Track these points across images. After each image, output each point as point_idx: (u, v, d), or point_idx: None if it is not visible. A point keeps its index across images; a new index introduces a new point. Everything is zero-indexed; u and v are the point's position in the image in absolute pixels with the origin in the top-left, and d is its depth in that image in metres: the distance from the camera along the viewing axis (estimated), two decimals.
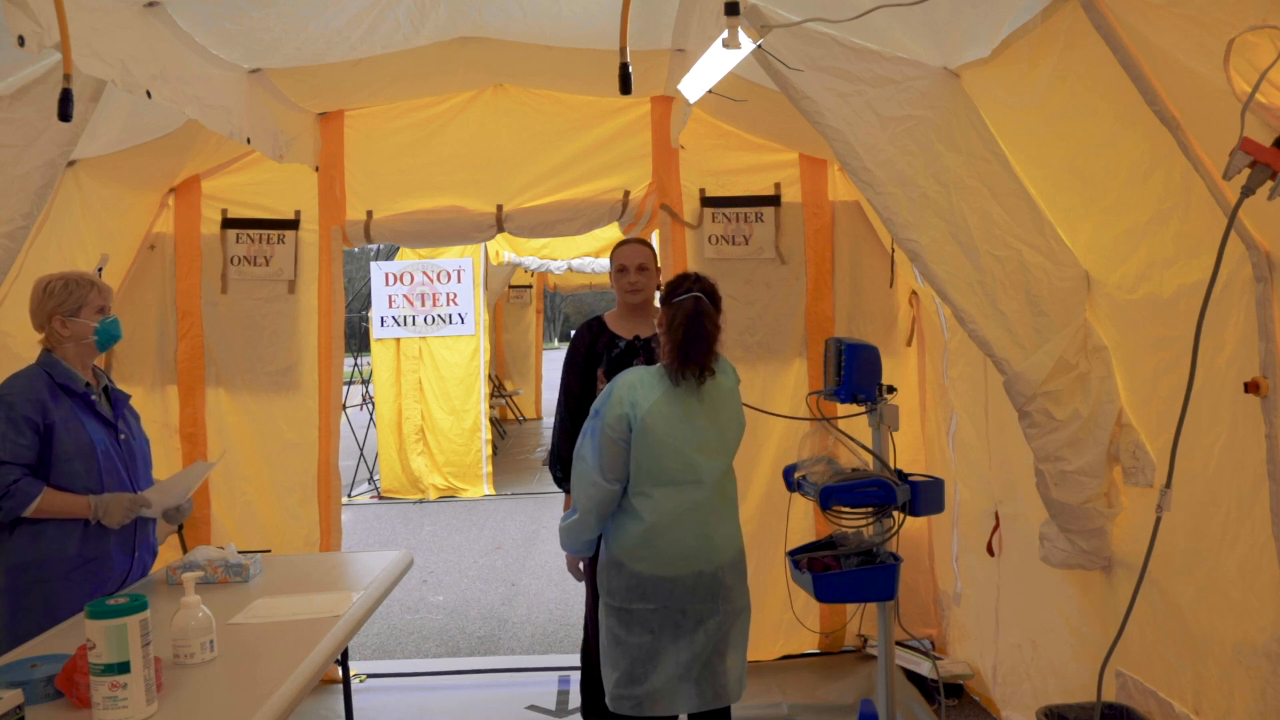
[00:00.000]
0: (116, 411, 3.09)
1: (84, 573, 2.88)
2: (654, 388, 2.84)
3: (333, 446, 4.66)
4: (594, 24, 3.45)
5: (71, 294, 2.95)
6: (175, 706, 2.14)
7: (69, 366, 2.96)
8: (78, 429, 2.89)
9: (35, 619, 2.75)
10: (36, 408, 2.83)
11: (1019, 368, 2.80)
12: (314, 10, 3.22)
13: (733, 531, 2.93)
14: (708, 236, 4.52)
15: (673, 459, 2.81)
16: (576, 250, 10.22)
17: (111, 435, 3.01)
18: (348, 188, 4.60)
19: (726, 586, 2.87)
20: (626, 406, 2.82)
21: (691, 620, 2.84)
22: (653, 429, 2.80)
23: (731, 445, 2.94)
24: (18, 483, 2.76)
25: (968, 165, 2.82)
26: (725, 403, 2.92)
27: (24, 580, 2.81)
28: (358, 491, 9.83)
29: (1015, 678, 3.55)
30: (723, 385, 2.93)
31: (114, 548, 2.96)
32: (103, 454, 2.92)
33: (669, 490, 2.82)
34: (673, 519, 2.82)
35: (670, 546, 2.82)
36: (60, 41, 2.16)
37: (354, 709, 3.71)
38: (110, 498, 2.88)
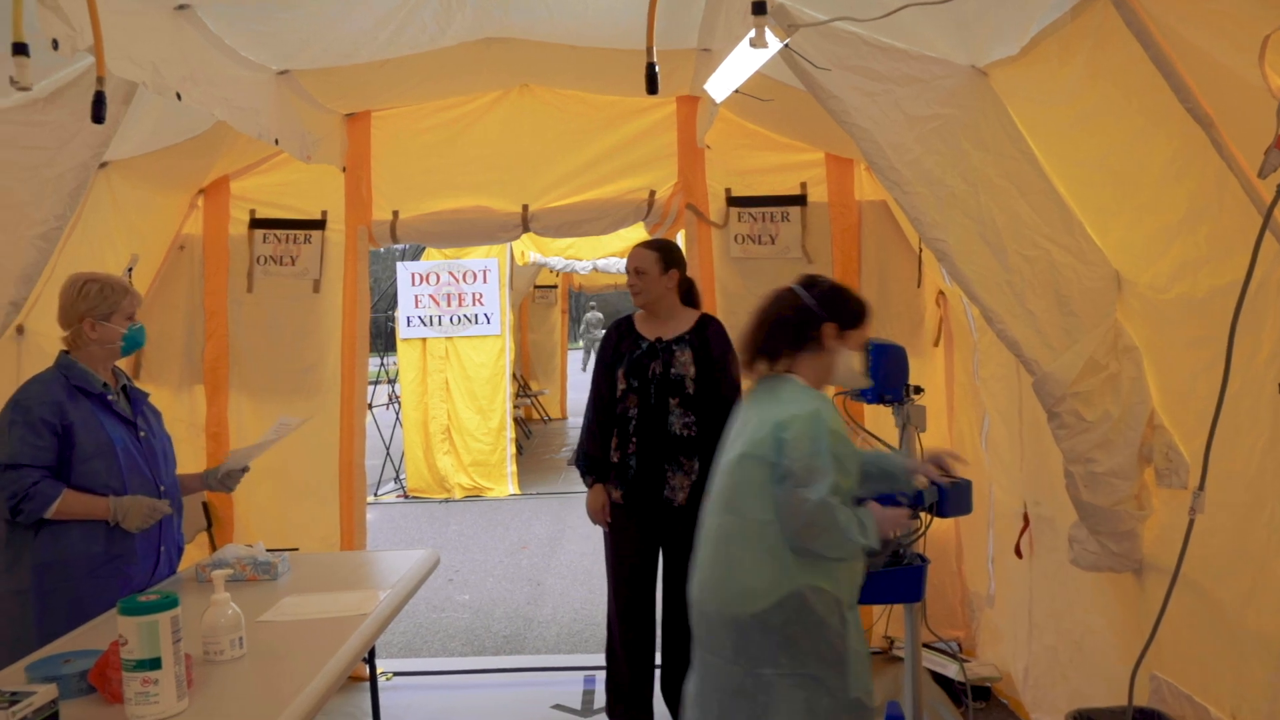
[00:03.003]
0: (136, 409, 3.10)
1: (109, 570, 2.89)
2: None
3: (356, 446, 4.68)
4: (619, 24, 3.45)
5: (106, 299, 2.96)
6: (205, 702, 2.16)
7: (86, 368, 2.97)
8: (96, 429, 2.90)
9: (61, 618, 2.77)
10: (53, 410, 2.84)
11: (1048, 368, 2.78)
12: (341, 12, 3.24)
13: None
14: (734, 236, 4.52)
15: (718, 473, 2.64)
16: (602, 250, 10.23)
17: (131, 433, 3.02)
18: (374, 188, 4.62)
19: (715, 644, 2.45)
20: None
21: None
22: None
23: (730, 467, 2.52)
24: (37, 485, 2.78)
25: (996, 164, 2.80)
26: (758, 417, 2.52)
27: (49, 580, 2.83)
28: (384, 490, 9.88)
29: (1047, 681, 3.52)
30: (776, 396, 2.52)
31: (138, 546, 2.97)
32: (123, 452, 2.93)
33: None
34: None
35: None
36: (93, 44, 2.18)
37: (380, 707, 3.73)
38: (130, 501, 2.88)
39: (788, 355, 2.55)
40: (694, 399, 3.62)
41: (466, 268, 9.54)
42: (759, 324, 2.62)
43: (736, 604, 2.41)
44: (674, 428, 3.62)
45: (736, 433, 2.58)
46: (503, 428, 9.50)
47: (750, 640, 2.39)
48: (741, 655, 2.40)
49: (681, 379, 3.63)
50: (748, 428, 2.52)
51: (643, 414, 3.64)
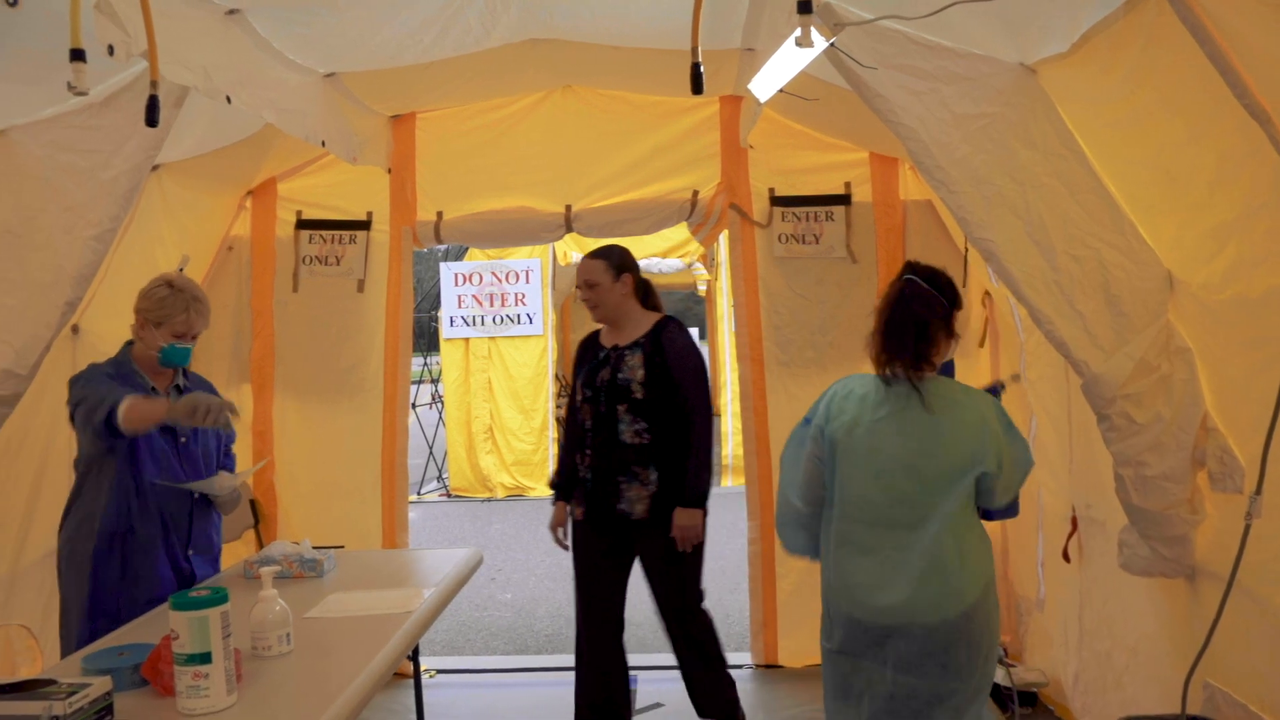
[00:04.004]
0: None
1: (127, 583, 2.92)
2: (858, 395, 2.56)
3: (398, 445, 4.72)
4: (663, 24, 3.45)
5: (161, 308, 2.98)
6: (254, 697, 2.19)
7: (135, 370, 3.01)
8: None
9: (115, 595, 2.86)
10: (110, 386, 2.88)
11: (1098, 370, 2.73)
12: (387, 15, 3.27)
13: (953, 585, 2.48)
14: (777, 236, 4.50)
15: (873, 486, 2.51)
16: (644, 250, 10.20)
17: (170, 440, 3.03)
18: (418, 189, 4.66)
19: (926, 652, 2.46)
20: (822, 419, 2.58)
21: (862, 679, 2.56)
22: (850, 447, 2.53)
23: (952, 477, 2.48)
24: (109, 392, 2.78)
25: (1045, 163, 2.76)
26: (954, 421, 2.50)
27: (114, 551, 2.91)
28: (427, 489, 9.96)
29: (1098, 687, 3.47)
30: (955, 399, 2.52)
31: (160, 565, 2.98)
32: (149, 456, 2.95)
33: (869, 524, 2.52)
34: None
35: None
36: (147, 49, 2.22)
37: (424, 704, 3.75)
38: (191, 397, 2.77)
39: (939, 354, 2.57)
40: (643, 405, 3.48)
41: (509, 268, 9.59)
42: (930, 331, 2.54)
43: (950, 609, 2.45)
44: (624, 436, 3.50)
45: (923, 447, 2.49)
46: (545, 427, 9.54)
47: (959, 642, 2.45)
48: (951, 660, 2.45)
49: (628, 384, 3.49)
50: (940, 437, 2.48)
51: (595, 424, 3.55)
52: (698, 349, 3.60)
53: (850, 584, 2.54)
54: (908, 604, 2.45)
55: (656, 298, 3.70)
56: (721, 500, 9.17)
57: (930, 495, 2.47)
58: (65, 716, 1.92)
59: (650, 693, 4.43)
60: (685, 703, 4.32)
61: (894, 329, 2.54)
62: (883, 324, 2.57)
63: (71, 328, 3.65)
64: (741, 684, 4.49)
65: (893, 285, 2.62)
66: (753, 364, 4.53)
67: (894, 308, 2.56)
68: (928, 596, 2.45)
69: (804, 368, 4.48)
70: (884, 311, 2.59)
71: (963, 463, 2.47)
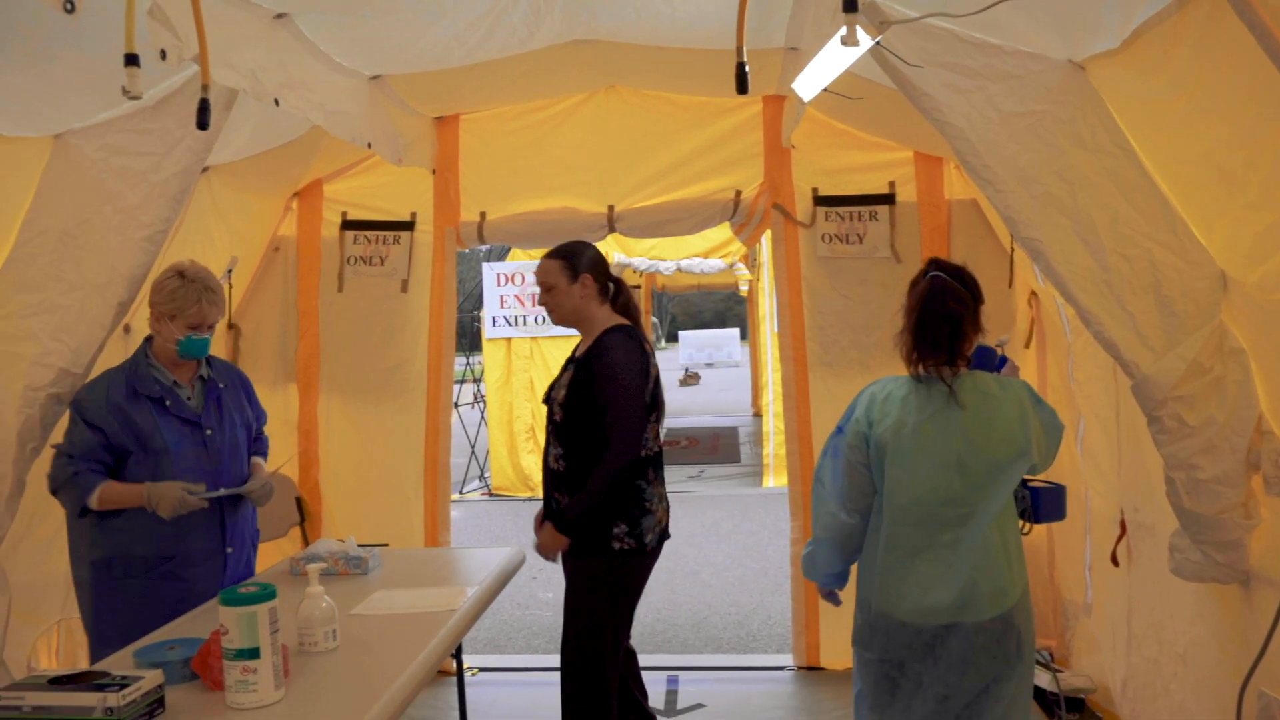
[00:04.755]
0: (211, 402, 3.09)
1: (162, 572, 2.94)
2: (898, 397, 2.53)
3: (441, 444, 4.76)
4: (707, 25, 3.44)
5: (173, 299, 2.96)
6: (301, 692, 2.21)
7: (153, 366, 3.00)
8: (152, 432, 2.94)
9: (116, 614, 2.86)
10: (107, 415, 2.90)
11: (1148, 371, 2.69)
12: (433, 17, 3.30)
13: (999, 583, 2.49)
14: (821, 235, 4.47)
15: (923, 487, 2.49)
16: (685, 251, 10.20)
17: (194, 433, 3.02)
18: (462, 189, 4.69)
19: (979, 646, 2.46)
20: (864, 425, 2.54)
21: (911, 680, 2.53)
22: (899, 449, 2.49)
23: (1001, 471, 2.48)
24: (77, 475, 2.86)
25: (1094, 161, 2.72)
26: (996, 415, 2.49)
27: (104, 575, 2.92)
28: (469, 488, 10.03)
29: (1148, 694, 3.41)
30: (991, 392, 2.51)
31: (194, 550, 2.98)
32: (179, 457, 2.96)
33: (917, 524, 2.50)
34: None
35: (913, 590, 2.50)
36: (198, 54, 2.26)
37: (466, 701, 3.78)
38: (164, 487, 2.85)
39: (970, 349, 2.56)
40: (562, 428, 3.17)
41: None
42: (965, 327, 2.52)
43: (1001, 603, 2.46)
44: (550, 460, 3.24)
45: (970, 443, 2.46)
46: None
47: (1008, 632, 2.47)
48: (1001, 650, 2.47)
49: (552, 404, 3.23)
50: (986, 432, 2.47)
51: (545, 445, 3.33)
52: (633, 365, 3.12)
53: (901, 588, 2.51)
54: (961, 601, 2.45)
55: (628, 299, 3.34)
56: (764, 501, 9.23)
57: (977, 491, 2.46)
58: (119, 708, 1.96)
59: (691, 693, 4.43)
60: (727, 703, 4.33)
61: (927, 327, 2.51)
62: (914, 323, 2.54)
63: (123, 327, 3.71)
64: (783, 686, 4.50)
65: (919, 283, 2.59)
66: (796, 364, 4.51)
67: (925, 305, 2.53)
68: (980, 592, 2.45)
69: (847, 368, 4.46)
70: (915, 310, 2.55)
71: (1009, 454, 2.47)
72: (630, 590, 3.25)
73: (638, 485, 3.16)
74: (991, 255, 4.41)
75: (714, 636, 5.39)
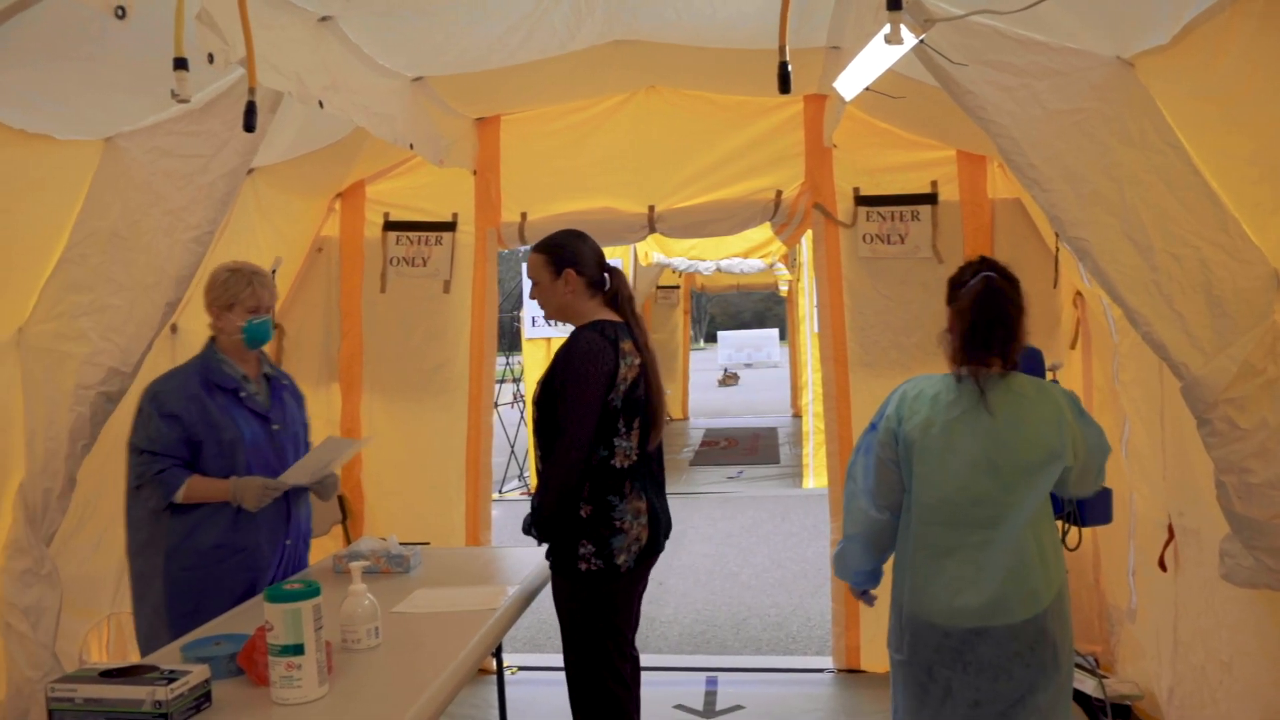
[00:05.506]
0: (276, 397, 3.20)
1: (234, 563, 3.01)
2: (930, 395, 2.50)
3: (483, 443, 4.78)
4: (748, 24, 3.43)
5: (227, 289, 3.07)
6: (344, 689, 2.24)
7: (223, 360, 3.09)
8: (228, 424, 3.02)
9: (188, 603, 2.92)
10: (185, 405, 2.98)
11: (1198, 373, 2.64)
12: (474, 19, 3.32)
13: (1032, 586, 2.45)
14: (862, 235, 4.44)
15: (951, 485, 2.47)
16: (725, 251, 10.19)
17: (264, 427, 3.12)
18: (503, 190, 4.72)
19: (1012, 653, 2.43)
20: (894, 422, 2.54)
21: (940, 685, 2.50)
22: (926, 447, 2.48)
23: (1032, 473, 2.45)
24: (163, 472, 2.92)
25: (1143, 159, 2.67)
26: (1028, 417, 2.47)
27: (177, 565, 2.97)
28: (508, 488, 10.07)
29: (1196, 702, 3.35)
30: (1026, 394, 2.49)
31: (263, 540, 3.07)
32: (251, 449, 3.04)
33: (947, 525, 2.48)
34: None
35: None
36: (245, 57, 2.29)
37: (506, 699, 3.79)
38: (246, 481, 2.97)
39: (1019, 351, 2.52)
40: (536, 428, 3.02)
41: None
42: (1019, 329, 2.50)
43: (1033, 607, 2.42)
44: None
45: (1002, 444, 2.44)
46: None
47: (1042, 640, 2.43)
48: (1036, 658, 2.43)
49: (535, 408, 3.05)
50: (1019, 433, 2.44)
51: None
52: (590, 362, 2.89)
53: (930, 588, 2.49)
54: (991, 604, 2.41)
55: (617, 291, 3.09)
56: (803, 502, 9.18)
57: (1010, 493, 2.43)
58: (167, 702, 2.00)
59: (730, 694, 4.42)
60: (766, 705, 4.31)
61: (980, 328, 2.48)
62: (967, 323, 2.50)
63: (170, 327, 3.78)
64: (822, 688, 4.47)
65: (969, 283, 2.54)
66: (836, 365, 4.48)
67: (980, 306, 2.49)
68: (1012, 595, 2.41)
69: (888, 368, 4.43)
70: (968, 310, 2.51)
71: (1042, 457, 2.44)
72: (606, 614, 2.98)
73: (607, 500, 2.89)
74: (1036, 255, 4.36)
75: (753, 638, 5.37)
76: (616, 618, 3.02)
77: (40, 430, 3.08)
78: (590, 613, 2.97)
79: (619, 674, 3.06)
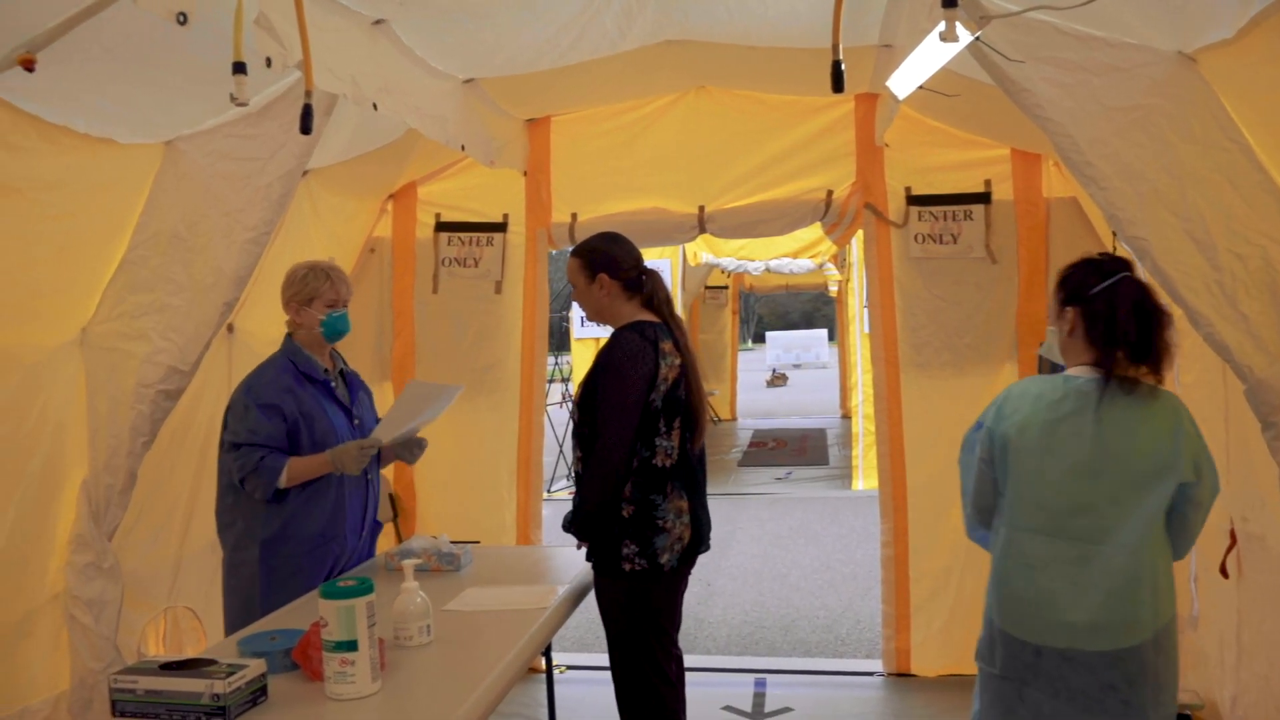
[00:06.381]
0: (353, 394, 3.29)
1: (323, 552, 3.10)
2: (1033, 394, 2.34)
3: (534, 443, 4.81)
4: (799, 23, 3.41)
5: (307, 285, 3.14)
6: (397, 685, 2.26)
7: (309, 353, 3.16)
8: (320, 416, 3.09)
9: (283, 591, 3.00)
10: (282, 396, 3.05)
11: (1263, 375, 2.58)
12: (526, 21, 3.33)
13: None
14: (914, 235, 4.40)
15: (1048, 492, 2.31)
16: (774, 251, 10.14)
17: (348, 420, 3.20)
18: (553, 191, 4.73)
19: (1105, 684, 2.25)
20: (992, 418, 2.38)
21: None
22: (1023, 448, 2.31)
23: (1142, 486, 2.27)
24: (264, 459, 2.97)
25: (1205, 156, 2.62)
26: (1141, 424, 2.27)
27: (274, 554, 3.04)
28: (557, 487, 10.11)
29: (1258, 713, 3.27)
30: (1141, 399, 2.28)
31: (348, 530, 3.16)
32: (339, 438, 3.11)
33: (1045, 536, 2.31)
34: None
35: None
36: (302, 61, 2.32)
37: (555, 699, 3.81)
38: (342, 447, 3.03)
39: None
40: (577, 432, 3.05)
41: None
42: (1170, 333, 2.32)
43: (1135, 636, 2.25)
44: (575, 462, 3.12)
45: (1109, 451, 2.26)
46: None
47: (1144, 676, 2.26)
48: (1135, 696, 2.25)
49: (576, 408, 3.10)
50: (1129, 440, 2.26)
51: None
52: (629, 361, 2.93)
53: (1019, 599, 2.33)
54: (1088, 626, 2.24)
55: (653, 292, 3.12)
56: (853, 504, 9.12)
57: (1116, 505, 2.25)
58: (225, 695, 2.03)
59: (779, 697, 4.40)
60: (815, 708, 4.29)
61: (1127, 329, 2.26)
62: (1114, 323, 2.26)
63: (227, 326, 3.84)
64: (872, 692, 4.43)
65: (1114, 288, 2.29)
66: (887, 366, 4.44)
67: (1128, 304, 2.26)
68: (1112, 619, 2.24)
69: (940, 370, 4.38)
70: (1114, 309, 2.27)
71: (1154, 468, 2.25)
72: (650, 613, 3.00)
73: (650, 500, 2.92)
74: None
75: (802, 640, 5.34)
76: (660, 617, 3.04)
77: (103, 427, 3.16)
78: (634, 612, 3.00)
79: (664, 672, 3.08)
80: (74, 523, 3.18)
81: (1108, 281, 2.29)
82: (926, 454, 4.38)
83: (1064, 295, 2.38)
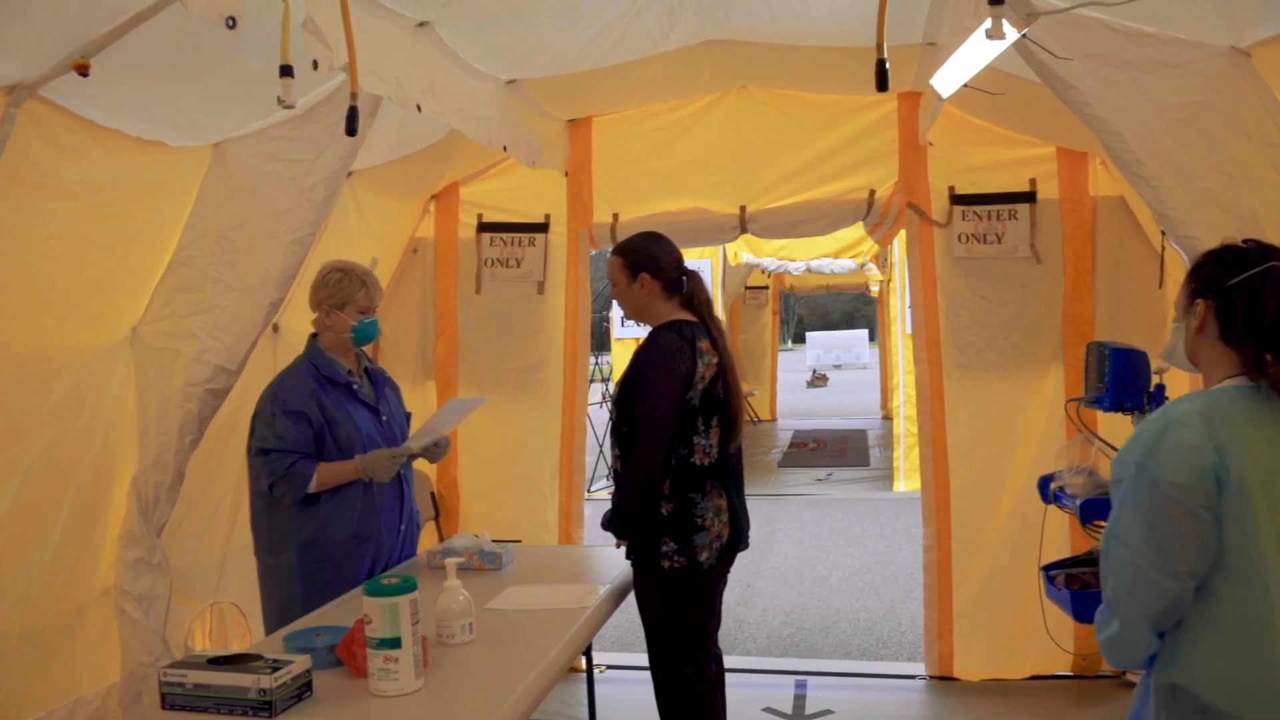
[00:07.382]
0: (378, 392, 3.29)
1: (360, 551, 3.11)
2: (1249, 416, 1.80)
3: (576, 443, 4.82)
4: (841, 21, 3.39)
5: (341, 289, 3.13)
6: (439, 682, 2.27)
7: (332, 356, 3.16)
8: (345, 419, 3.10)
9: (322, 591, 3.01)
10: (306, 401, 3.05)
11: None
12: (568, 22, 3.34)
13: None
14: (957, 235, 4.35)
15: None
16: (815, 251, 10.09)
17: (375, 418, 3.21)
18: (595, 191, 4.73)
19: None
20: (1207, 455, 1.75)
21: None
22: (1264, 486, 1.75)
23: None
24: (294, 465, 2.99)
25: (1260, 153, 2.57)
26: None
27: (311, 557, 3.06)
28: (597, 487, 10.13)
29: None
30: None
31: (384, 526, 3.17)
32: (367, 440, 3.12)
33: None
34: None
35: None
36: (348, 63, 2.35)
37: (595, 698, 3.82)
38: (373, 456, 3.05)
39: None
40: (616, 431, 3.06)
41: None
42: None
43: None
44: (613, 460, 3.15)
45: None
46: None
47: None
48: None
49: (614, 407, 3.10)
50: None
51: None
52: (667, 360, 2.95)
53: (1249, 674, 1.77)
54: None
55: (693, 293, 3.13)
56: (894, 505, 9.04)
57: None
58: (271, 690, 2.06)
59: (820, 699, 4.37)
60: (856, 710, 4.26)
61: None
62: (1260, 319, 1.83)
63: (272, 326, 3.89)
64: (914, 695, 4.39)
65: (1256, 269, 1.84)
66: (930, 367, 4.40)
67: (1278, 296, 1.83)
68: None
69: (984, 371, 4.33)
70: (1262, 302, 1.83)
71: None
72: (689, 611, 3.01)
73: (689, 498, 2.93)
74: (1140, 255, 4.22)
75: (843, 642, 5.31)
76: (699, 614, 3.05)
77: (152, 425, 3.21)
78: (674, 610, 3.01)
79: (703, 671, 3.08)
80: (124, 519, 3.24)
81: (1253, 270, 1.85)
82: (969, 456, 4.33)
83: (1196, 285, 1.94)
